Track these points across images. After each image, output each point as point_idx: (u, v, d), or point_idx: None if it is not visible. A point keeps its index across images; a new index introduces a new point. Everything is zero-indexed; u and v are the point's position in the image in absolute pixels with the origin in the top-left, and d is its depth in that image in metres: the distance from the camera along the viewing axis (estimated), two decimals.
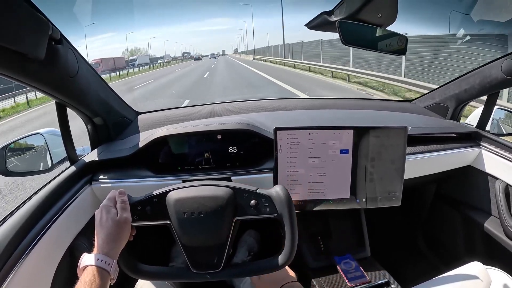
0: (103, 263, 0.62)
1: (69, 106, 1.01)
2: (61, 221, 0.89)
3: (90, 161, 1.08)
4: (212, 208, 0.69)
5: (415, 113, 1.45)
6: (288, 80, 11.12)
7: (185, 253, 0.71)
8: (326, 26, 0.85)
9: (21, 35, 0.66)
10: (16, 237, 0.76)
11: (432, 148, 1.21)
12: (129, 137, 1.25)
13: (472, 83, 1.27)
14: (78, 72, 0.92)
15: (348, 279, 0.97)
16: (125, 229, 0.67)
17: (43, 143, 1.14)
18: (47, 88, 0.88)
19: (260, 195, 0.71)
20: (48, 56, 0.75)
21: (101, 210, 0.68)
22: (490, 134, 1.27)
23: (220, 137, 1.09)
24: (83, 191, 1.02)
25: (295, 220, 0.70)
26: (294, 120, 1.30)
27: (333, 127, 0.91)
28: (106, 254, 0.63)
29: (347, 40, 0.78)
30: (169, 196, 0.70)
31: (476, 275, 0.84)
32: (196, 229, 0.69)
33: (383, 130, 0.92)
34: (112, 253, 0.64)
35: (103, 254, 0.63)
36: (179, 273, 0.75)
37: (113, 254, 0.64)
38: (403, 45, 0.87)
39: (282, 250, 0.71)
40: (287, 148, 0.92)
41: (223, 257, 0.71)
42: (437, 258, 1.51)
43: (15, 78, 0.75)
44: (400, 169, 0.95)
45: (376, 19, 0.81)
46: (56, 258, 0.88)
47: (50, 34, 0.75)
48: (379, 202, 0.97)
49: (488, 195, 1.24)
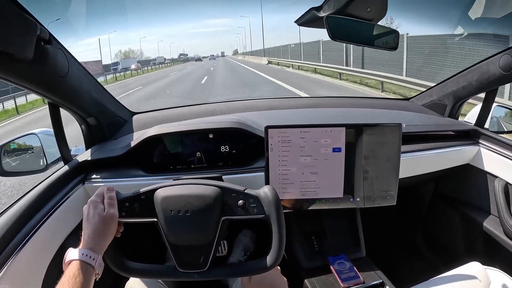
0: (88, 258, 0.62)
1: (61, 106, 1.02)
2: (52, 220, 0.89)
3: (83, 160, 1.08)
4: (198, 207, 0.68)
5: (413, 111, 1.43)
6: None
7: (172, 252, 0.70)
8: (316, 22, 0.84)
9: (8, 36, 0.66)
10: (6, 236, 0.76)
11: (430, 146, 1.19)
12: (122, 137, 1.25)
13: (469, 80, 1.25)
14: (69, 72, 0.93)
15: (342, 279, 0.96)
16: (112, 225, 0.67)
17: (37, 143, 1.15)
18: (38, 88, 0.88)
19: (248, 195, 0.70)
20: (37, 56, 0.75)
21: (89, 205, 0.68)
22: (489, 131, 1.25)
23: (212, 136, 1.09)
24: (75, 191, 1.02)
25: (283, 221, 0.69)
26: (287, 119, 1.29)
27: (324, 125, 0.90)
28: (91, 249, 0.63)
29: (335, 35, 0.77)
30: (156, 193, 0.70)
31: (475, 275, 0.83)
32: (183, 227, 0.69)
33: (377, 127, 0.91)
34: (97, 248, 0.64)
35: (88, 249, 0.62)
36: (165, 271, 0.74)
37: (98, 249, 0.64)
38: (395, 40, 0.86)
39: (269, 252, 0.70)
40: (279, 147, 0.91)
41: (209, 257, 0.70)
42: (435, 258, 1.49)
43: (4, 78, 0.76)
44: (395, 167, 0.93)
45: (365, 13, 0.80)
46: (47, 257, 0.88)
47: (38, 34, 0.75)
48: (374, 201, 0.95)
49: (487, 193, 1.21)
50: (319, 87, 10.40)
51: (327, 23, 0.76)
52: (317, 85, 10.70)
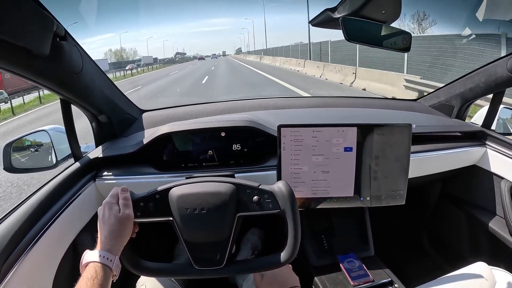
0: (105, 260, 0.62)
1: (73, 103, 1.02)
2: (64, 216, 0.90)
3: (94, 157, 1.09)
4: (214, 204, 0.69)
5: (420, 112, 1.44)
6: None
7: (188, 250, 0.70)
8: (330, 23, 0.85)
9: (26, 31, 0.67)
10: (19, 232, 0.76)
11: (437, 147, 1.20)
12: (133, 134, 1.25)
13: (477, 81, 1.26)
14: (83, 69, 0.93)
15: (352, 278, 0.97)
16: (128, 226, 0.67)
17: (48, 140, 1.15)
18: (52, 85, 0.88)
19: (263, 191, 0.71)
20: (53, 52, 0.75)
21: (104, 207, 0.68)
22: (495, 133, 1.26)
23: (224, 135, 1.09)
24: (87, 188, 1.03)
25: (298, 216, 0.70)
26: (298, 118, 1.30)
27: (337, 125, 0.91)
28: (108, 251, 0.63)
29: (350, 37, 0.78)
30: (171, 192, 0.70)
31: (481, 275, 0.84)
32: (199, 225, 0.69)
33: (388, 128, 0.92)
34: (114, 250, 0.64)
35: (105, 251, 0.63)
36: (181, 270, 0.75)
37: (115, 250, 0.64)
38: (407, 42, 0.87)
39: (285, 247, 0.70)
40: (291, 146, 0.92)
41: (226, 254, 0.70)
42: (441, 257, 1.50)
43: (20, 74, 0.76)
44: (405, 167, 0.94)
45: (380, 15, 0.81)
46: (59, 254, 0.88)
47: (54, 30, 0.75)
48: (383, 201, 0.96)
49: (493, 194, 1.22)
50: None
51: (343, 25, 0.77)
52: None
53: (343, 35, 0.78)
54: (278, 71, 15.38)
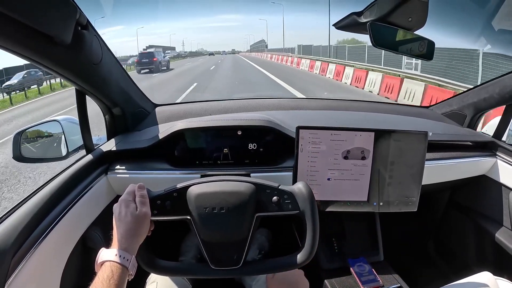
0: (122, 259, 0.60)
1: (89, 94, 1.01)
2: (75, 209, 0.89)
3: (107, 150, 1.08)
4: (234, 204, 0.68)
5: (432, 119, 1.44)
6: None
7: (205, 249, 0.70)
8: (355, 27, 0.85)
9: (50, 18, 0.66)
10: (29, 225, 0.75)
11: (448, 156, 1.20)
12: (146, 128, 1.24)
13: (491, 92, 1.26)
14: (102, 60, 0.92)
15: (362, 282, 0.97)
16: (144, 224, 0.66)
17: (59, 131, 1.14)
18: (70, 74, 0.87)
19: (283, 191, 0.70)
20: (74, 41, 0.74)
21: (120, 204, 0.66)
22: (506, 144, 1.26)
23: (240, 133, 1.09)
24: (98, 181, 1.02)
25: (317, 218, 0.69)
26: (313, 120, 1.30)
27: (355, 129, 0.91)
28: (125, 250, 0.62)
29: (377, 42, 0.78)
30: (190, 190, 0.69)
31: (486, 284, 0.84)
32: (217, 224, 0.68)
33: (404, 134, 0.92)
34: (131, 249, 0.63)
35: (122, 250, 0.61)
36: (197, 269, 0.74)
37: (132, 249, 0.63)
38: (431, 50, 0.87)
39: (302, 248, 0.70)
40: (308, 147, 0.92)
41: (243, 254, 0.70)
42: (447, 265, 1.50)
43: (39, 62, 0.75)
44: (419, 174, 0.94)
45: (406, 22, 0.80)
46: (68, 248, 0.87)
47: (77, 18, 0.74)
48: (396, 207, 0.96)
49: (501, 205, 1.23)
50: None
51: (370, 30, 0.77)
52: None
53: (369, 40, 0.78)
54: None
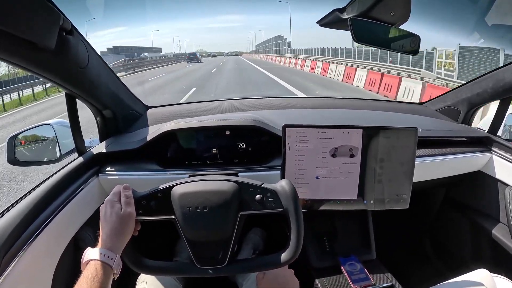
0: (106, 258, 0.62)
1: (79, 97, 1.02)
2: (66, 211, 0.90)
3: (98, 152, 1.09)
4: (217, 203, 0.68)
5: (426, 116, 1.43)
6: None
7: (190, 248, 0.70)
8: (338, 23, 0.85)
9: (32, 24, 0.67)
10: (20, 225, 0.76)
11: (442, 152, 1.19)
12: (137, 130, 1.25)
13: (484, 87, 1.25)
14: (89, 63, 0.93)
15: (352, 281, 0.96)
16: (129, 224, 0.67)
17: (52, 134, 1.15)
18: (58, 79, 0.89)
19: (266, 189, 0.70)
20: (59, 46, 0.76)
21: (106, 204, 0.68)
22: (501, 139, 1.25)
23: (228, 133, 1.09)
24: (89, 182, 1.03)
25: (301, 215, 0.69)
26: (303, 118, 1.29)
27: (342, 126, 0.91)
28: (110, 249, 0.63)
29: (359, 38, 0.78)
30: (173, 190, 0.70)
31: (482, 282, 0.83)
32: (201, 224, 0.69)
33: (394, 131, 0.91)
34: (115, 248, 0.64)
35: (106, 249, 0.63)
36: (183, 268, 0.74)
37: (116, 249, 0.64)
38: (416, 45, 0.86)
39: (288, 246, 0.70)
40: (296, 146, 0.92)
41: (228, 253, 0.70)
42: (443, 263, 1.49)
43: (26, 67, 0.76)
44: (409, 171, 0.93)
45: (389, 17, 0.80)
46: (60, 248, 0.88)
47: (61, 24, 0.75)
48: (387, 204, 0.96)
49: (498, 201, 1.21)
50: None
51: (351, 25, 0.77)
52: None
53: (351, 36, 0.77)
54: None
